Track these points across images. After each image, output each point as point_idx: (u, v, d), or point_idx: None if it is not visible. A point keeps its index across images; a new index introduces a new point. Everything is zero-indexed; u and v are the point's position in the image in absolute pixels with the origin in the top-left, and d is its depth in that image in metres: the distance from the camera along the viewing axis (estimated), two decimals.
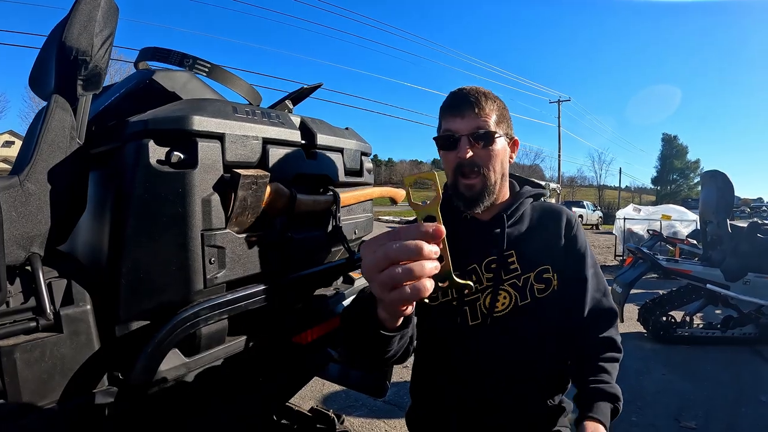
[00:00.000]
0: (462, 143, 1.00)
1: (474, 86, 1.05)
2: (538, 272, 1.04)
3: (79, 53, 0.93)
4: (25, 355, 0.81)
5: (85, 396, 0.88)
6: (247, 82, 1.34)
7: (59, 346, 0.85)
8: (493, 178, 1.03)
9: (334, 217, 1.27)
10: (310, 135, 1.22)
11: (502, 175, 1.06)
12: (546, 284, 1.04)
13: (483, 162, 1.01)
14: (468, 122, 1.00)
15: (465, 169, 1.01)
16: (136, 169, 0.87)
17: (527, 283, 1.04)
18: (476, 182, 1.02)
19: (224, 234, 0.96)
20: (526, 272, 1.04)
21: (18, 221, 0.84)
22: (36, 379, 0.82)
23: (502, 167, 1.05)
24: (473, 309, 1.04)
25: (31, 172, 0.87)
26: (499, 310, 1.03)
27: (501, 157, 1.04)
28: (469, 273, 1.05)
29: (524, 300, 1.03)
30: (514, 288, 1.04)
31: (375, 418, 2.61)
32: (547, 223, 1.11)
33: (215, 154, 0.95)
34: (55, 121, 0.92)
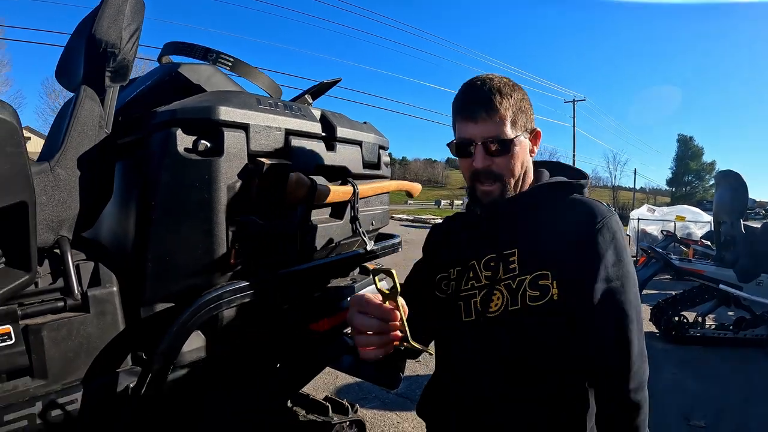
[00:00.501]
0: (477, 152, 0.92)
1: (487, 78, 0.95)
2: (535, 277, 0.90)
3: (108, 45, 0.96)
4: (53, 334, 0.84)
5: (110, 375, 0.91)
6: (268, 76, 1.37)
7: (85, 326, 0.88)
8: (512, 182, 0.95)
9: (353, 208, 1.30)
10: (330, 127, 1.25)
11: (523, 174, 0.98)
12: (541, 292, 0.89)
13: (500, 170, 0.93)
14: (482, 128, 0.91)
15: (482, 177, 0.95)
16: (164, 156, 0.91)
17: (521, 287, 0.91)
18: (494, 189, 0.95)
19: (248, 220, 0.99)
20: (523, 274, 0.92)
21: (48, 205, 0.87)
22: (62, 357, 0.86)
23: (523, 167, 0.97)
24: (467, 306, 0.97)
25: (61, 158, 0.90)
26: (492, 311, 0.94)
27: (521, 158, 0.95)
28: (468, 269, 0.99)
29: (514, 305, 0.91)
30: (507, 289, 0.93)
31: (387, 410, 2.65)
32: (565, 222, 0.93)
33: (240, 143, 0.98)
34: (85, 110, 0.95)
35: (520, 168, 0.96)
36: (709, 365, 3.71)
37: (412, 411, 2.65)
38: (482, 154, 0.92)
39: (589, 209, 0.93)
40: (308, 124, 1.16)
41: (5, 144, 0.71)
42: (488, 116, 0.91)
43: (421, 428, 2.45)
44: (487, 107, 0.91)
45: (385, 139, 1.53)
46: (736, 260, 4.03)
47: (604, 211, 0.92)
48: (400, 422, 2.55)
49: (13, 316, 0.81)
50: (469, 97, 0.94)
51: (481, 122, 0.91)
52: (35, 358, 0.83)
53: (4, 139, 0.71)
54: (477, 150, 0.92)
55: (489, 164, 0.93)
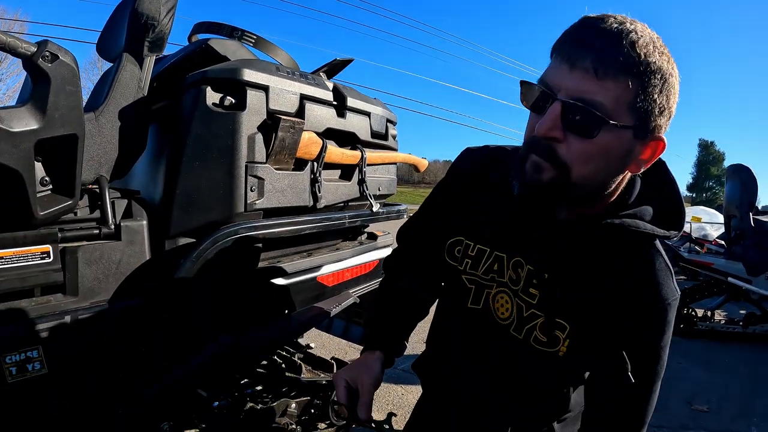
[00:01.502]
0: (551, 111, 0.62)
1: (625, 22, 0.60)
2: (550, 323, 0.74)
3: (148, 18, 1.10)
4: (86, 256, 0.99)
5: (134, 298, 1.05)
6: (287, 53, 1.51)
7: (116, 253, 1.03)
8: (579, 181, 0.65)
9: (360, 172, 1.42)
10: (341, 97, 1.37)
11: (603, 182, 0.68)
12: (549, 340, 0.75)
13: (568, 157, 0.64)
14: (575, 81, 0.61)
15: (538, 150, 0.66)
16: (196, 108, 1.05)
17: (530, 322, 0.76)
18: (547, 168, 0.65)
19: (264, 167, 1.13)
20: (540, 308, 0.75)
21: (91, 147, 1.02)
22: (93, 278, 1.00)
23: (605, 173, 0.67)
24: (478, 293, 0.84)
25: (104, 110, 1.05)
26: (500, 318, 0.82)
27: (607, 160, 0.64)
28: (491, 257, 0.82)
29: (517, 332, 0.79)
30: (517, 311, 0.78)
31: (393, 383, 2.76)
32: (621, 282, 0.71)
33: (261, 101, 1.11)
34: (126, 72, 1.09)
35: (597, 173, 0.66)
36: (715, 356, 3.73)
37: (416, 384, 2.75)
38: (556, 117, 0.62)
39: (658, 286, 0.70)
40: (321, 92, 1.29)
41: (66, 83, 0.85)
42: (594, 70, 0.59)
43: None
44: (599, 56, 0.59)
45: (393, 115, 1.65)
46: (745, 253, 4.03)
47: (671, 294, 0.71)
48: (405, 394, 2.65)
49: (54, 238, 0.95)
50: (582, 33, 0.62)
51: (579, 72, 0.60)
52: (69, 277, 0.97)
53: (66, 80, 0.85)
54: (552, 109, 0.62)
55: (557, 137, 0.63)
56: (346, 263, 1.47)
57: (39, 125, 0.84)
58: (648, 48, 0.59)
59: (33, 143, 0.83)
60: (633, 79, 0.59)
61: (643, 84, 0.60)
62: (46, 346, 0.90)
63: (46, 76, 0.83)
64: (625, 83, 0.59)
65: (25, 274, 0.90)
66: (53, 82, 0.84)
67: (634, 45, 0.58)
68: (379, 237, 1.68)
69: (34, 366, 0.88)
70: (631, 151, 0.65)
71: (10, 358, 0.85)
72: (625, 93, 0.60)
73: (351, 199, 1.44)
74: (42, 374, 0.89)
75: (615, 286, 0.71)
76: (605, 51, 0.59)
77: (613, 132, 0.61)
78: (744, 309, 4.60)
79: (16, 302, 0.91)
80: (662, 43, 0.62)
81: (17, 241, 0.89)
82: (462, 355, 0.89)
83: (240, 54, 1.35)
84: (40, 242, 0.92)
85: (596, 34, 0.60)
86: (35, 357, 0.88)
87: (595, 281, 0.72)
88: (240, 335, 1.20)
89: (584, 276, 0.72)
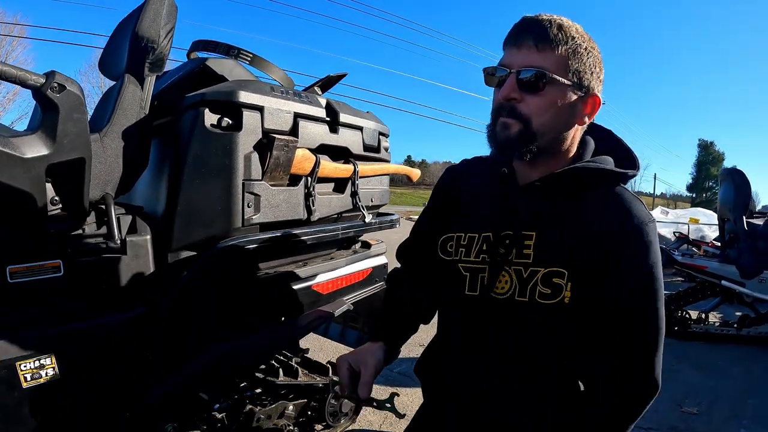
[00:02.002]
0: (508, 81, 0.80)
1: (553, 15, 0.82)
2: (549, 273, 0.82)
3: (148, 41, 1.17)
4: (94, 269, 1.06)
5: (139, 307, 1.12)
6: (282, 70, 1.57)
7: (122, 265, 1.10)
8: (540, 129, 0.81)
9: (353, 184, 1.49)
10: (333, 113, 1.44)
11: (557, 134, 0.84)
12: (553, 291, 0.82)
13: (527, 111, 0.80)
14: (523, 56, 0.80)
15: (504, 113, 0.82)
16: (194, 129, 1.12)
17: (532, 279, 0.84)
18: (513, 124, 0.81)
19: (260, 184, 1.20)
20: (536, 265, 0.83)
21: (97, 167, 1.09)
22: (101, 289, 1.07)
23: (558, 122, 0.83)
24: (473, 279, 0.91)
25: (108, 131, 1.12)
26: (498, 293, 0.87)
27: (558, 110, 0.81)
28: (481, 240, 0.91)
29: (521, 296, 0.85)
30: (517, 276, 0.85)
31: (389, 386, 2.81)
32: (599, 218, 0.82)
33: (256, 121, 1.18)
34: (129, 93, 1.16)
35: (552, 120, 0.82)
36: (708, 358, 3.76)
37: (412, 387, 2.82)
38: (512, 83, 0.80)
39: (629, 211, 0.82)
40: (314, 109, 1.35)
41: (74, 111, 0.92)
42: (535, 45, 0.79)
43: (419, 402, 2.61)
44: (536, 35, 0.79)
45: (385, 127, 1.71)
46: (738, 257, 4.07)
47: (644, 215, 0.82)
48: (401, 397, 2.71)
49: (64, 253, 1.02)
50: (522, 25, 0.82)
51: (524, 49, 0.80)
52: (78, 289, 1.04)
53: (73, 108, 0.92)
54: (509, 79, 0.80)
55: (515, 98, 0.80)
56: (340, 272, 1.53)
57: (49, 151, 0.91)
58: (571, 29, 0.80)
59: (44, 168, 0.91)
60: (564, 48, 0.79)
61: (572, 52, 0.79)
62: (58, 353, 0.96)
63: (54, 106, 0.90)
64: (559, 51, 0.79)
65: (38, 286, 0.97)
66: (61, 111, 0.91)
67: (561, 27, 0.79)
68: (373, 246, 1.75)
69: (47, 372, 0.95)
70: (575, 106, 0.83)
71: (25, 366, 0.92)
72: (560, 59, 0.79)
73: (344, 211, 1.50)
74: (55, 380, 0.96)
75: (594, 224, 0.82)
76: (541, 31, 0.79)
77: (557, 87, 0.79)
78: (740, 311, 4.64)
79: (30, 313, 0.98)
80: (583, 29, 0.83)
81: (31, 256, 0.96)
82: (462, 348, 0.94)
83: (236, 73, 1.42)
84: (52, 257, 0.99)
85: (534, 22, 0.81)
86: (48, 364, 0.95)
87: (576, 225, 0.83)
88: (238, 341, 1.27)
89: (566, 223, 0.84)
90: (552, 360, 0.87)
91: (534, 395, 0.88)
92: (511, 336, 0.88)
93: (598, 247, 0.81)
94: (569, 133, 0.85)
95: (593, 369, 0.86)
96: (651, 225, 0.82)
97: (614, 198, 0.84)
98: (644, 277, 0.81)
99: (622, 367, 0.82)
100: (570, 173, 0.84)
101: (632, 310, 0.81)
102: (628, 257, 0.80)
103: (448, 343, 0.99)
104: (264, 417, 1.56)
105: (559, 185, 0.85)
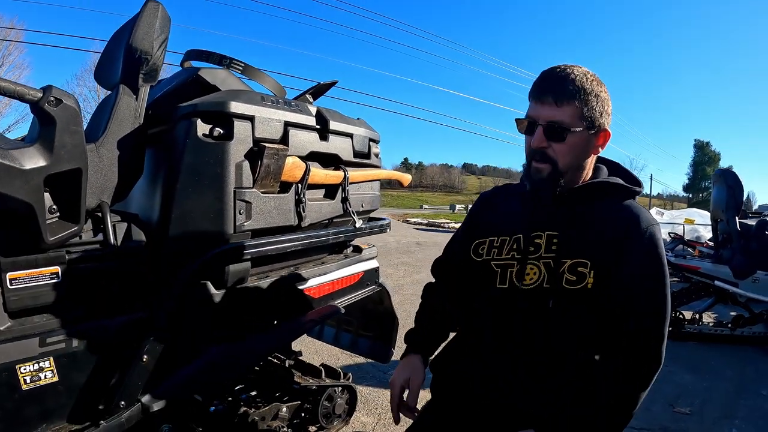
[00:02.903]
0: (537, 133, 1.00)
1: (569, 67, 1.01)
2: (575, 263, 0.99)
3: (142, 53, 1.21)
4: (92, 276, 1.09)
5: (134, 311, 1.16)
6: (273, 79, 1.61)
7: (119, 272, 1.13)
8: (565, 168, 1.02)
9: (343, 190, 1.52)
10: (323, 121, 1.47)
11: (578, 166, 1.05)
12: (578, 278, 0.98)
13: (554, 155, 1.01)
14: (546, 111, 0.99)
15: (537, 156, 1.02)
16: (187, 139, 1.16)
17: (560, 268, 1.00)
18: (545, 167, 1.02)
19: (251, 192, 1.24)
20: (564, 257, 1.01)
21: (93, 176, 1.13)
22: (98, 295, 1.11)
23: (578, 159, 1.04)
24: (504, 274, 1.07)
25: (104, 141, 1.16)
26: (526, 283, 1.03)
27: (577, 151, 1.02)
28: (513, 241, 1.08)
29: (550, 283, 1.01)
30: (546, 267, 1.02)
31: (383, 387, 2.84)
32: (614, 221, 1.02)
33: (247, 131, 1.22)
34: (123, 104, 1.20)
35: (574, 159, 1.02)
36: (702, 359, 3.77)
37: None
38: (541, 135, 1.00)
39: (638, 214, 1.02)
40: (304, 118, 1.39)
41: (70, 124, 0.96)
42: (555, 102, 0.98)
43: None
44: (555, 93, 0.98)
45: (376, 134, 1.75)
46: (731, 257, 4.09)
47: (651, 219, 1.02)
48: None
49: (62, 260, 1.06)
50: (543, 82, 1.01)
51: (546, 106, 0.99)
52: (76, 295, 1.08)
53: (70, 121, 0.96)
54: (538, 131, 1.00)
55: (544, 146, 1.00)
56: (332, 276, 1.57)
57: (47, 162, 0.95)
58: (583, 80, 0.98)
59: (42, 178, 0.94)
60: (578, 101, 0.97)
61: (585, 102, 0.98)
62: (56, 356, 1.00)
63: (51, 119, 0.94)
64: (574, 104, 0.97)
65: (38, 292, 1.01)
66: (58, 124, 0.95)
67: (574, 80, 0.97)
68: (364, 250, 1.78)
69: (46, 375, 0.98)
70: (589, 142, 1.03)
71: (24, 368, 0.95)
72: (576, 110, 0.98)
73: (335, 216, 1.54)
74: (53, 382, 0.99)
75: (609, 225, 1.01)
76: (560, 89, 0.98)
77: (575, 134, 0.99)
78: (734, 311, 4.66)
79: (30, 318, 1.01)
80: (593, 73, 1.02)
81: (30, 263, 1.00)
82: (490, 344, 1.08)
83: (229, 82, 1.46)
84: (50, 264, 1.03)
85: (552, 79, 1.00)
86: (47, 367, 0.98)
87: (592, 225, 1.02)
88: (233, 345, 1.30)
89: (583, 224, 1.03)
90: (572, 350, 1.02)
91: (555, 385, 1.01)
92: (537, 325, 1.02)
93: (612, 241, 0.99)
94: (587, 162, 1.06)
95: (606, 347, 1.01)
96: (655, 226, 1.02)
97: (625, 207, 1.04)
98: (651, 265, 0.98)
99: (634, 344, 0.97)
100: (590, 186, 1.06)
101: (642, 292, 0.98)
102: (637, 249, 0.99)
103: (477, 342, 1.11)
104: (258, 419, 1.60)
105: (580, 195, 1.05)
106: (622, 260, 0.98)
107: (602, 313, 0.99)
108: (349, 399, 2.01)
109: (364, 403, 2.60)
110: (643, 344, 0.97)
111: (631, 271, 0.98)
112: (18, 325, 0.99)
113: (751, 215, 6.33)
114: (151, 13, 1.23)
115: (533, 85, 1.03)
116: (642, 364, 0.98)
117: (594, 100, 0.99)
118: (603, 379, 0.98)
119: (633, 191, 1.08)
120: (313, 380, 1.87)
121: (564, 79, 0.98)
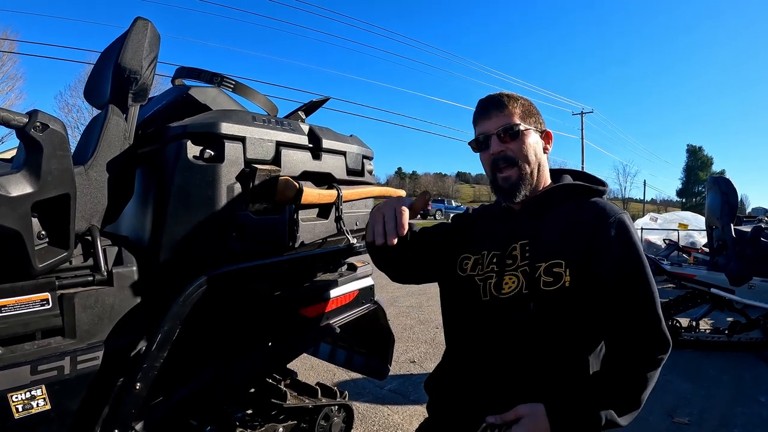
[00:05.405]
0: (493, 141, 1.11)
1: (501, 91, 1.17)
2: (550, 265, 1.03)
3: (131, 72, 1.19)
4: (82, 301, 1.07)
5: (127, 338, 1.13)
6: (264, 96, 1.60)
7: (109, 297, 1.11)
8: (528, 168, 1.11)
9: (337, 209, 1.51)
10: (316, 139, 1.46)
11: (538, 166, 1.14)
12: (555, 279, 1.02)
13: (515, 154, 1.10)
14: (495, 121, 1.11)
15: (500, 163, 1.11)
16: (177, 161, 1.14)
17: (535, 273, 1.04)
18: (511, 173, 1.10)
19: (244, 215, 1.21)
20: (539, 261, 1.05)
21: (82, 199, 1.10)
22: (89, 321, 1.08)
23: (537, 158, 1.13)
24: (485, 287, 1.12)
25: (93, 163, 1.13)
26: (505, 292, 1.07)
27: (533, 148, 1.12)
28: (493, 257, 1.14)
29: (529, 288, 1.04)
30: (523, 275, 1.06)
31: (379, 404, 2.81)
32: (581, 217, 1.07)
33: (238, 152, 1.21)
34: (112, 125, 1.18)
35: (533, 156, 1.12)
36: (699, 367, 3.77)
37: (402, 405, 2.82)
38: (497, 141, 1.10)
39: (603, 207, 1.07)
40: (296, 137, 1.38)
41: (57, 149, 0.94)
42: (500, 112, 1.12)
43: (410, 420, 2.62)
44: (497, 105, 1.13)
45: (369, 150, 1.74)
46: (727, 264, 4.10)
47: (617, 209, 1.06)
48: (391, 415, 2.70)
49: (52, 286, 1.03)
50: (484, 103, 1.16)
51: (494, 117, 1.12)
52: (67, 321, 1.05)
53: (56, 146, 0.94)
54: (492, 140, 1.11)
55: (503, 149, 1.10)
56: (327, 295, 1.55)
57: (34, 189, 0.93)
58: (514, 95, 1.15)
59: (30, 205, 0.92)
60: (516, 106, 1.12)
61: (521, 106, 1.13)
62: (48, 384, 0.97)
63: (38, 145, 0.92)
64: (515, 109, 1.12)
65: (27, 320, 0.98)
66: (45, 150, 0.93)
67: (506, 95, 1.15)
68: (359, 268, 1.76)
69: (38, 403, 0.96)
70: (539, 142, 1.15)
71: (16, 397, 0.93)
72: (518, 113, 1.12)
73: (329, 236, 1.52)
74: (45, 410, 0.97)
75: (576, 222, 1.06)
76: (499, 103, 1.13)
77: (527, 133, 1.11)
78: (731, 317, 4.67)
79: (20, 345, 0.99)
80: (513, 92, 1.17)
81: (18, 290, 0.97)
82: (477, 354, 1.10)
83: (220, 101, 1.44)
84: (40, 290, 1.00)
85: (492, 99, 1.15)
86: (39, 395, 0.96)
87: (561, 225, 1.08)
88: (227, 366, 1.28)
89: (552, 227, 1.09)
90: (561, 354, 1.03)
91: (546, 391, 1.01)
92: (522, 332, 1.04)
93: (582, 238, 1.03)
94: (543, 161, 1.16)
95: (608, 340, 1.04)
96: (623, 214, 1.06)
97: (590, 203, 1.11)
98: (627, 250, 1.01)
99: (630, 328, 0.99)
100: (554, 189, 1.15)
101: (624, 277, 1.00)
102: (609, 238, 1.02)
103: (467, 357, 1.14)
104: None
105: (546, 199, 1.13)
106: (597, 253, 1.01)
107: (587, 311, 1.02)
108: (345, 417, 1.98)
109: (361, 421, 2.57)
110: (640, 325, 0.99)
111: (609, 260, 1.01)
112: (9, 353, 0.96)
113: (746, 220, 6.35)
114: (140, 31, 1.22)
115: (475, 113, 1.17)
116: (644, 344, 0.99)
117: (528, 104, 1.15)
118: (609, 365, 1.01)
119: (597, 190, 1.14)
120: (309, 400, 1.84)
121: (499, 96, 1.14)
